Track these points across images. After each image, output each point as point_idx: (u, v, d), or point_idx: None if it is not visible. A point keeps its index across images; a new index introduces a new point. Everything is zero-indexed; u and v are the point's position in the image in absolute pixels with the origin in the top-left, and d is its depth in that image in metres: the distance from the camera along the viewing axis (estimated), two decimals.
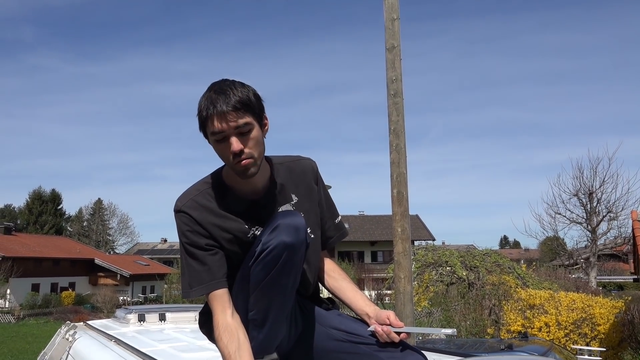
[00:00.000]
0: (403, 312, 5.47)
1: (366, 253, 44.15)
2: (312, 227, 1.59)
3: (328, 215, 1.68)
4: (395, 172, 5.66)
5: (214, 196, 1.48)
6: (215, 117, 1.37)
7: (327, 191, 1.70)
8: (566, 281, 14.15)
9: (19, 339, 17.30)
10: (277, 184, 1.54)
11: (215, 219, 1.46)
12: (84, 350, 2.71)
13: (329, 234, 1.69)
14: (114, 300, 27.50)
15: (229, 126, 1.37)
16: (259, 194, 1.51)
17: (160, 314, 3.53)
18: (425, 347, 2.34)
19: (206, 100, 1.40)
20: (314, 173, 1.64)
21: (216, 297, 1.43)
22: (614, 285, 26.84)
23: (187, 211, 1.45)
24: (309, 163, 1.64)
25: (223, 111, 1.37)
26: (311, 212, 1.60)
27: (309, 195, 1.60)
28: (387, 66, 5.88)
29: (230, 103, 1.37)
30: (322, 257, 1.70)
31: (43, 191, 57.29)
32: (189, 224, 1.45)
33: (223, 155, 1.43)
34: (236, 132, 1.38)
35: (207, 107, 1.39)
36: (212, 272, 1.44)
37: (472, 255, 11.88)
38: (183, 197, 1.48)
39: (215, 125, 1.38)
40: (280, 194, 1.54)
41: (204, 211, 1.45)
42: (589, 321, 7.70)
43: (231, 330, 1.39)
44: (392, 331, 1.45)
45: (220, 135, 1.39)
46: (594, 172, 19.14)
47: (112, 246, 56.93)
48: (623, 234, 19.10)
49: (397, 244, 5.58)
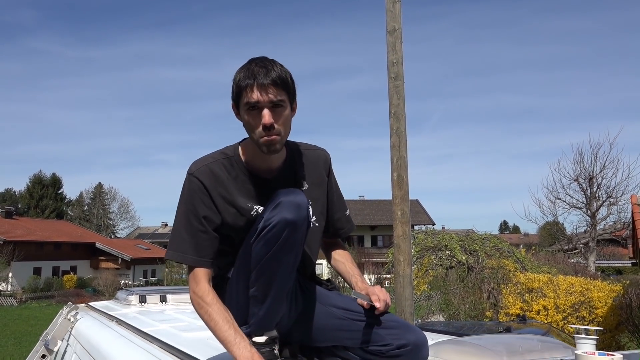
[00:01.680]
0: (402, 295, 5.50)
1: (366, 237, 44.32)
2: (318, 217, 1.62)
3: (339, 206, 1.73)
4: (396, 155, 5.66)
5: (227, 168, 1.50)
6: (255, 87, 1.41)
7: (338, 184, 1.74)
8: (565, 265, 14.23)
9: (21, 322, 17.46)
10: (290, 168, 1.57)
11: (223, 190, 1.48)
12: (86, 330, 2.74)
13: (340, 225, 1.74)
14: (115, 283, 27.69)
15: (267, 98, 1.41)
16: (271, 175, 1.53)
17: (161, 296, 3.55)
18: (424, 328, 2.35)
19: (247, 71, 1.44)
20: (326, 164, 1.68)
21: (194, 274, 1.46)
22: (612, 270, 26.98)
23: (199, 177, 1.47)
24: (323, 154, 1.68)
25: (263, 83, 1.41)
26: (319, 202, 1.63)
27: (319, 185, 1.64)
28: (388, 49, 5.84)
29: (270, 77, 1.41)
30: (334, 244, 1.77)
31: (43, 175, 57.40)
32: (197, 191, 1.46)
33: (251, 127, 1.45)
34: (270, 106, 1.42)
35: (247, 77, 1.43)
36: (196, 249, 1.46)
37: (471, 240, 11.92)
38: (198, 162, 1.50)
39: (252, 96, 1.41)
40: (291, 178, 1.57)
41: (215, 181, 1.47)
42: (587, 304, 7.76)
43: (212, 294, 1.42)
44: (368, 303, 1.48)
45: (254, 106, 1.42)
46: (595, 157, 19.13)
47: (112, 230, 57.15)
48: (622, 219, 19.15)
49: (396, 228, 5.59)
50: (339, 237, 1.76)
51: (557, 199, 20.08)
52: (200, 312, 1.42)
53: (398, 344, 1.43)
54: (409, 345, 1.43)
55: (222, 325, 1.36)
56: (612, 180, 18.92)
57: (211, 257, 1.47)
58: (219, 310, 1.39)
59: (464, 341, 1.66)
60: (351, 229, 1.77)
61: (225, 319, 1.37)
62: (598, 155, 19.03)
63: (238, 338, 1.33)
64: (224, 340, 1.35)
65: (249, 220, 1.48)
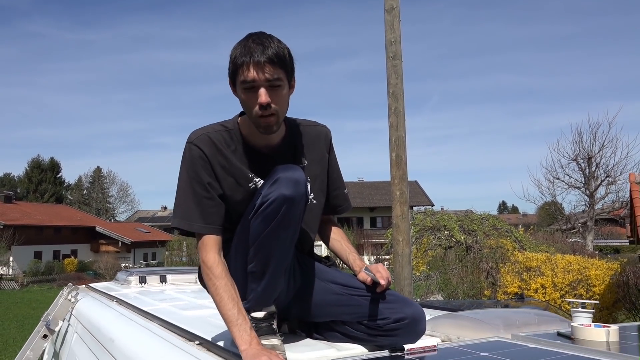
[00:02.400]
0: (401, 275, 5.54)
1: (365, 219, 44.42)
2: (317, 194, 1.62)
3: (338, 184, 1.72)
4: (394, 135, 5.65)
5: (226, 140, 1.49)
6: (251, 65, 1.38)
7: (337, 162, 1.73)
8: (563, 245, 14.30)
9: (23, 305, 17.59)
10: (289, 144, 1.56)
11: (223, 160, 1.47)
12: (87, 310, 2.76)
13: (337, 202, 1.73)
14: (116, 266, 27.81)
15: (263, 77, 1.38)
16: (270, 150, 1.53)
17: (161, 276, 3.57)
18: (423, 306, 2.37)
19: (243, 48, 1.40)
20: (327, 141, 1.66)
21: (203, 242, 1.45)
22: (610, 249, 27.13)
23: (199, 145, 1.46)
24: (324, 130, 1.67)
25: (259, 61, 1.37)
26: (318, 178, 1.62)
27: (319, 162, 1.63)
28: (386, 28, 5.79)
29: (267, 54, 1.38)
30: (329, 221, 1.75)
31: (42, 160, 57.25)
32: (198, 158, 1.45)
33: (248, 106, 1.43)
34: (267, 85, 1.40)
35: (243, 54, 1.39)
36: (203, 216, 1.45)
37: (470, 219, 11.95)
38: (198, 131, 1.49)
39: (248, 74, 1.39)
40: (291, 155, 1.56)
41: (215, 150, 1.46)
42: (584, 282, 7.82)
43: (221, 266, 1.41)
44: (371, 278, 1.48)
45: (250, 85, 1.40)
46: (594, 136, 19.11)
47: (112, 214, 57.24)
48: (621, 198, 19.19)
49: (395, 208, 5.61)
50: (336, 214, 1.76)
51: (556, 179, 20.11)
52: (208, 284, 1.42)
53: (396, 318, 1.44)
54: (406, 319, 1.44)
55: (226, 302, 1.35)
56: (610, 160, 18.93)
57: (219, 224, 1.46)
58: (226, 286, 1.38)
59: (461, 315, 1.67)
60: (349, 207, 1.77)
61: (231, 297, 1.36)
62: (597, 135, 19.01)
63: (240, 319, 1.33)
64: (226, 319, 1.35)
65: (247, 192, 1.47)
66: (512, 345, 1.26)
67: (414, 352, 1.19)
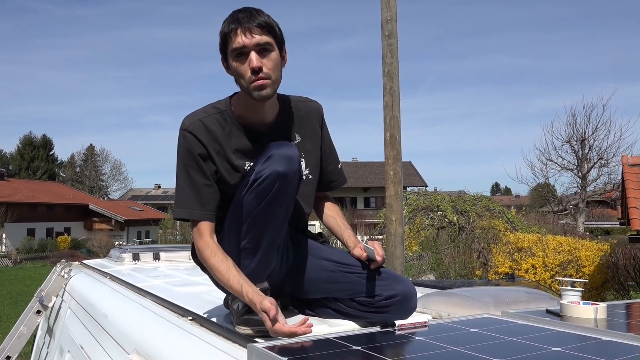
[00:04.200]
0: (394, 254, 5.58)
1: (359, 199, 44.56)
2: (311, 169, 1.62)
3: (331, 159, 1.72)
4: (389, 115, 5.63)
5: (220, 123, 1.48)
6: (240, 30, 1.39)
7: (330, 137, 1.73)
8: (554, 226, 14.44)
9: (17, 282, 17.61)
10: (283, 121, 1.56)
11: (217, 145, 1.47)
12: (80, 286, 2.76)
13: (331, 177, 1.73)
14: (109, 244, 27.80)
15: (252, 41, 1.39)
16: (264, 127, 1.52)
17: (154, 254, 3.58)
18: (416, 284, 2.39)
19: (231, 18, 1.43)
20: (319, 116, 1.67)
21: (198, 228, 1.46)
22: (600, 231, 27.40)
23: (194, 132, 1.45)
24: (316, 106, 1.67)
25: (247, 26, 1.39)
26: (312, 154, 1.62)
27: (312, 137, 1.63)
28: (382, 6, 5.73)
29: (255, 20, 1.40)
30: (324, 198, 1.76)
31: (34, 137, 56.74)
32: (193, 145, 1.45)
33: (240, 74, 1.42)
34: (257, 49, 1.40)
35: (231, 22, 1.41)
36: (201, 202, 1.46)
37: (463, 200, 12.02)
38: (191, 117, 1.48)
39: (237, 40, 1.39)
40: (284, 131, 1.55)
41: (209, 135, 1.46)
42: (574, 263, 7.91)
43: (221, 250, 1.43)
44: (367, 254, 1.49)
45: (240, 50, 1.40)
46: (587, 118, 19.19)
47: (105, 192, 57.04)
48: (613, 180, 19.33)
49: (389, 187, 5.62)
50: (330, 190, 1.76)
51: (549, 161, 20.24)
52: (206, 264, 1.44)
53: (387, 295, 1.45)
54: (398, 296, 1.45)
55: (225, 274, 1.37)
56: (604, 142, 19.05)
57: (215, 210, 1.48)
58: (221, 259, 1.40)
59: (452, 292, 1.69)
60: (343, 182, 1.77)
61: (228, 267, 1.38)
62: (591, 117, 19.10)
63: (244, 284, 1.34)
64: (231, 287, 1.37)
65: (242, 175, 1.48)
66: (501, 321, 1.28)
67: (405, 328, 1.20)
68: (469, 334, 1.14)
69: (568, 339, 1.10)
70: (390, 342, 1.10)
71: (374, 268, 1.49)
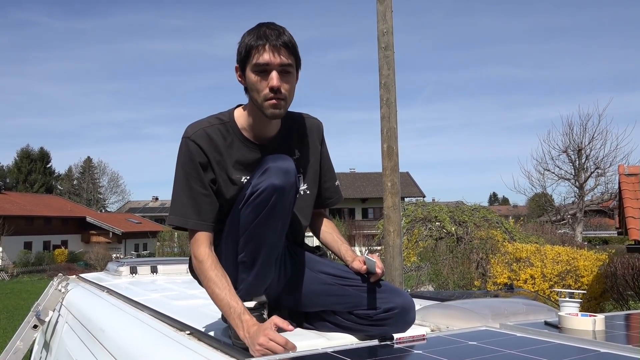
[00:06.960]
0: (392, 265, 5.57)
1: (357, 210, 44.52)
2: (310, 185, 1.63)
3: (329, 176, 1.73)
4: (386, 126, 5.65)
5: (223, 134, 1.49)
6: (268, 47, 1.40)
7: (329, 154, 1.74)
8: (552, 236, 14.44)
9: (13, 296, 17.49)
10: (284, 136, 1.57)
11: (218, 156, 1.47)
12: (77, 300, 2.75)
13: (328, 194, 1.74)
14: (107, 257, 27.70)
15: (278, 60, 1.41)
16: (265, 141, 1.53)
17: (152, 267, 3.56)
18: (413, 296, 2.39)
19: (258, 32, 1.42)
20: (319, 133, 1.68)
21: (196, 238, 1.46)
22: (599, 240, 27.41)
23: (196, 140, 1.46)
24: (316, 123, 1.68)
25: (275, 45, 1.40)
26: (311, 170, 1.63)
27: (312, 153, 1.64)
28: (378, 18, 5.77)
29: (282, 39, 1.41)
30: (320, 214, 1.76)
31: (31, 149, 56.67)
32: (195, 153, 1.45)
33: (257, 89, 1.43)
34: (280, 69, 1.42)
35: (259, 37, 1.41)
36: (198, 212, 1.45)
37: (461, 211, 12.02)
38: (195, 126, 1.49)
39: (263, 57, 1.40)
40: (284, 146, 1.56)
41: (212, 144, 1.46)
42: (573, 273, 7.90)
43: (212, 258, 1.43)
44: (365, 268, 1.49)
45: (263, 67, 1.41)
46: (584, 128, 19.26)
47: (103, 204, 56.88)
48: (610, 189, 19.38)
49: (386, 199, 5.62)
50: (326, 207, 1.77)
51: (546, 171, 20.29)
52: (200, 277, 1.43)
53: (386, 308, 1.44)
54: (396, 309, 1.44)
55: (218, 293, 1.37)
56: (600, 152, 19.11)
57: (212, 221, 1.47)
58: (217, 276, 1.39)
59: (450, 305, 1.68)
60: (339, 199, 1.78)
61: (223, 284, 1.38)
62: (587, 127, 19.17)
63: (233, 303, 1.34)
64: (221, 305, 1.36)
65: (239, 189, 1.48)
66: (499, 334, 1.28)
67: (403, 341, 1.20)
68: (467, 347, 1.14)
69: (566, 352, 1.09)
70: (388, 356, 1.10)
71: (373, 281, 1.49)
